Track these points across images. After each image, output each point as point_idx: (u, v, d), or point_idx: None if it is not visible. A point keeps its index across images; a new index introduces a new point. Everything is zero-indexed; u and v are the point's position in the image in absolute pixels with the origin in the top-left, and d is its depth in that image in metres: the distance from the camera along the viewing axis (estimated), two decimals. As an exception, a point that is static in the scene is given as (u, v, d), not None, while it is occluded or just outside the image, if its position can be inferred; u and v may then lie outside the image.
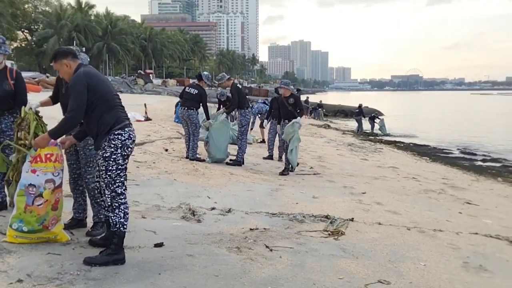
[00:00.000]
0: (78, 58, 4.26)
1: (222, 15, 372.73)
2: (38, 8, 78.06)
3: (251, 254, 4.58)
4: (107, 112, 3.99)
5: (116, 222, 4.02)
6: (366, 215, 6.62)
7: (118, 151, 3.98)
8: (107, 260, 3.97)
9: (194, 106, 9.72)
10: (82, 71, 4.06)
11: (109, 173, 3.99)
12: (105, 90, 4.06)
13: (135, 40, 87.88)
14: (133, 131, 4.14)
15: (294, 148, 9.31)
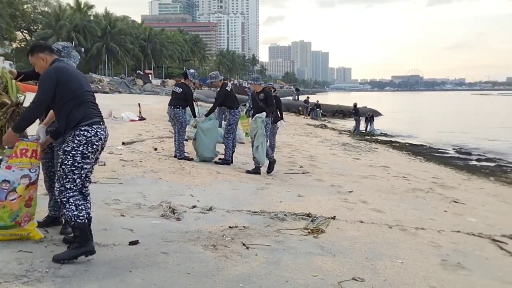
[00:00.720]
0: (54, 53, 4.26)
1: (222, 16, 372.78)
2: (37, 8, 78.01)
3: (226, 252, 4.57)
4: (76, 108, 3.97)
5: (71, 216, 3.98)
6: (350, 214, 6.61)
7: (79, 148, 3.95)
8: (74, 254, 3.94)
9: (180, 104, 9.70)
10: (54, 66, 4.06)
11: (63, 167, 3.97)
12: (76, 86, 4.02)
13: (135, 40, 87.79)
14: (103, 129, 4.11)
15: (259, 144, 9.09)
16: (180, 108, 9.66)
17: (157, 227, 5.22)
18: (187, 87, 9.84)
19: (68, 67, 4.16)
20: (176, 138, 9.71)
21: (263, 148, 9.13)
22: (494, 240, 5.92)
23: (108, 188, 6.64)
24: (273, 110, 9.47)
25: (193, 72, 10.21)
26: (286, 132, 20.79)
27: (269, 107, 9.38)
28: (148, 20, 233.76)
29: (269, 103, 9.43)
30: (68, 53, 4.56)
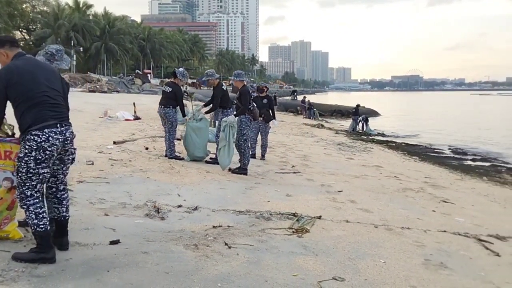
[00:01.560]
0: (17, 47, 4.05)
1: (222, 15, 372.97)
2: (36, 8, 77.99)
3: (207, 252, 4.56)
4: (27, 110, 3.77)
5: (31, 224, 3.90)
6: (337, 213, 6.60)
7: (32, 154, 3.79)
8: (32, 257, 3.87)
9: (170, 104, 9.68)
10: (6, 67, 3.87)
11: (19, 174, 3.86)
12: (29, 87, 3.80)
13: (133, 40, 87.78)
14: (59, 133, 3.90)
15: (221, 147, 8.95)
16: (170, 107, 9.65)
17: (140, 226, 5.21)
18: (177, 86, 9.82)
19: (24, 65, 3.89)
20: (167, 137, 9.70)
21: (224, 152, 8.92)
22: (479, 240, 5.91)
23: (95, 187, 6.63)
24: (245, 110, 9.10)
25: (182, 71, 10.19)
26: (282, 132, 20.82)
27: (242, 106, 9.10)
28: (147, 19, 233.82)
29: (242, 101, 9.14)
30: (61, 56, 4.53)
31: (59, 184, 4.19)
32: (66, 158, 4.17)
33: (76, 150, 4.37)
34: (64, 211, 4.20)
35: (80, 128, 13.88)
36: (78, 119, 17.05)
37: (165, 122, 9.73)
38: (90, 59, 79.09)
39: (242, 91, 9.15)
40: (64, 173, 4.23)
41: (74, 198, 5.94)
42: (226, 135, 8.84)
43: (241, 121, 9.02)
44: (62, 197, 4.21)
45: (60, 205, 4.18)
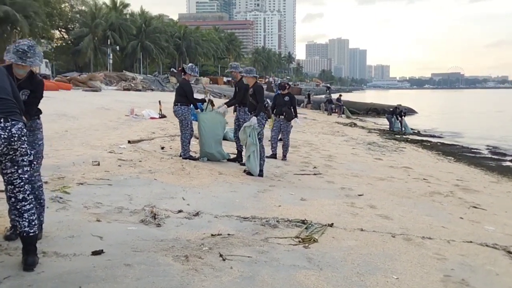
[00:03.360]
0: None
1: (259, 14, 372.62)
2: (74, 7, 79.22)
3: (198, 264, 4.13)
4: None
5: None
6: (352, 220, 6.09)
7: None
8: None
9: (180, 101, 9.32)
10: None
11: None
12: None
13: (169, 38, 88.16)
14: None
15: (251, 153, 8.51)
16: (179, 105, 9.29)
17: (132, 234, 4.82)
18: (185, 81, 9.47)
19: None
20: (180, 136, 9.34)
21: (254, 158, 8.51)
22: (509, 253, 5.31)
23: (94, 190, 6.29)
24: (262, 108, 8.64)
25: (191, 65, 9.80)
26: (311, 131, 20.29)
27: (258, 104, 8.64)
28: (185, 18, 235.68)
29: (258, 99, 8.64)
30: (34, 53, 4.16)
31: (17, 193, 3.75)
32: (19, 159, 3.72)
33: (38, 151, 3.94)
34: (25, 226, 3.74)
35: (101, 127, 13.72)
36: (104, 117, 16.97)
37: (180, 120, 9.38)
38: (126, 57, 79.79)
39: (256, 88, 8.68)
40: (22, 178, 3.75)
41: (68, 202, 5.64)
42: (254, 140, 8.41)
43: (257, 119, 8.57)
44: (22, 209, 3.76)
45: (20, 218, 3.74)
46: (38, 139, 4.55)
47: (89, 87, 41.24)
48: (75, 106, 19.01)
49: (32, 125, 4.49)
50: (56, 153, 8.70)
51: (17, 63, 4.04)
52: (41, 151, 4.62)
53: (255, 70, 9.16)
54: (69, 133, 11.87)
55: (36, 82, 4.34)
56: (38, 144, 4.56)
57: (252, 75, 8.69)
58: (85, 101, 22.46)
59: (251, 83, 8.71)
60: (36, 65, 4.18)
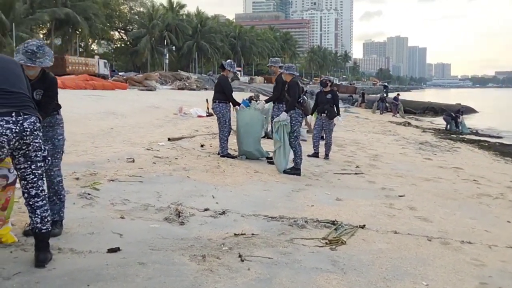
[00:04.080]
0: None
1: (315, 12, 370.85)
2: (133, 9, 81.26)
3: (214, 265, 3.98)
4: None
5: None
6: (387, 222, 5.80)
7: None
8: None
9: (218, 98, 9.20)
10: None
11: None
12: None
13: (224, 38, 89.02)
14: (10, 123, 3.42)
15: (276, 150, 8.37)
16: (217, 102, 9.18)
17: (153, 232, 4.72)
18: (223, 77, 9.36)
19: None
20: (219, 134, 9.25)
21: (280, 154, 8.34)
22: (556, 261, 4.89)
23: (124, 186, 6.26)
24: (294, 103, 8.36)
25: (230, 61, 9.67)
26: (361, 130, 19.88)
27: (291, 99, 8.34)
28: (241, 18, 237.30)
29: (290, 94, 8.35)
30: (44, 53, 4.11)
31: (30, 188, 3.67)
32: (32, 154, 3.63)
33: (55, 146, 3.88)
34: (37, 222, 3.68)
35: (146, 125, 13.85)
36: (152, 115, 17.17)
37: (218, 118, 9.30)
38: (182, 57, 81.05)
39: (290, 83, 8.44)
40: (35, 173, 3.67)
41: (96, 199, 5.62)
42: (280, 136, 8.23)
43: (291, 116, 8.34)
44: (35, 205, 3.68)
45: (33, 214, 3.68)
46: (57, 134, 4.52)
47: (145, 86, 42.08)
48: (126, 105, 19.35)
49: (52, 120, 4.46)
50: (95, 150, 8.78)
51: (27, 64, 3.97)
52: (61, 146, 4.59)
53: (295, 67, 8.91)
54: (114, 131, 12.02)
55: (49, 80, 4.28)
56: (58, 139, 4.53)
57: (289, 72, 8.46)
58: (137, 100, 22.84)
59: (288, 80, 8.49)
60: (46, 65, 4.09)
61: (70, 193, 5.66)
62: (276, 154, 8.36)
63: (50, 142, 4.47)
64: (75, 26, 58.17)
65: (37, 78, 4.21)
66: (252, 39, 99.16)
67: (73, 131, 11.56)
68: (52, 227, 4.45)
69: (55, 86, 4.36)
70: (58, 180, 4.58)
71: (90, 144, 9.56)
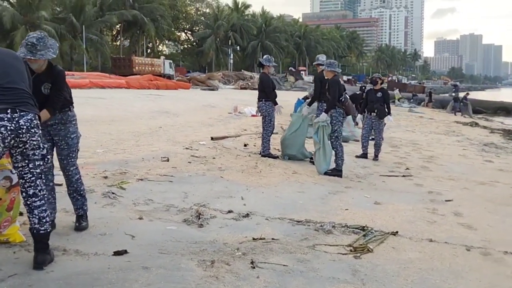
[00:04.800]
0: None
1: (384, 10, 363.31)
2: (199, 10, 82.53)
3: (222, 271, 3.75)
4: None
5: None
6: (425, 229, 5.37)
7: None
8: None
9: (262, 96, 8.98)
10: None
11: None
12: None
13: (289, 38, 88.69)
14: (5, 120, 3.30)
15: (316, 151, 8.09)
16: (263, 100, 8.95)
17: (168, 234, 4.55)
18: (263, 75, 9.11)
19: None
20: (262, 133, 9.03)
21: (319, 156, 8.03)
22: None
23: (152, 186, 6.14)
24: (334, 103, 7.98)
25: (267, 56, 9.37)
26: (422, 130, 19.08)
27: (330, 98, 8.00)
28: (308, 18, 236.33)
29: (330, 93, 8.01)
30: (45, 45, 4.02)
31: (28, 187, 3.55)
32: (30, 153, 3.50)
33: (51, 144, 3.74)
34: (35, 223, 3.56)
35: (197, 124, 13.83)
36: (206, 114, 17.18)
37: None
38: (247, 57, 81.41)
39: (330, 81, 8.08)
40: (33, 172, 3.54)
41: (119, 198, 5.53)
42: (320, 137, 7.93)
43: (332, 116, 7.99)
44: (32, 205, 3.56)
45: (31, 215, 3.56)
46: (70, 132, 4.42)
47: (207, 86, 42.56)
48: (182, 104, 19.48)
49: (63, 117, 4.37)
50: (135, 148, 8.79)
51: (27, 57, 3.88)
52: (75, 145, 4.48)
53: (337, 63, 8.51)
54: (161, 130, 12.04)
55: (56, 73, 4.18)
56: (71, 138, 4.43)
57: (331, 69, 8.09)
58: (195, 99, 22.99)
59: (330, 77, 8.14)
60: (47, 58, 3.99)
61: (95, 192, 5.61)
62: (316, 155, 8.08)
63: (63, 142, 4.40)
64: (142, 27, 59.62)
65: (44, 72, 4.13)
66: (317, 39, 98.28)
67: (121, 129, 11.70)
68: (79, 221, 4.46)
69: (62, 78, 4.24)
70: (77, 178, 4.53)
71: (134, 143, 9.57)
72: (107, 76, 36.45)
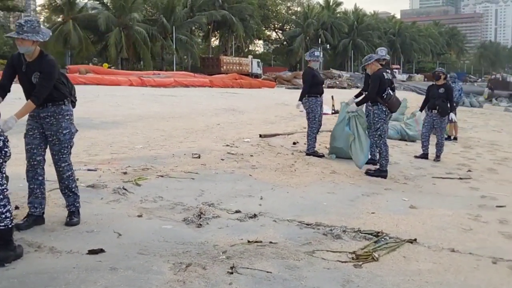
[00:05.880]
0: None
1: (490, 5, 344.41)
2: (290, 9, 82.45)
3: (192, 276, 3.47)
4: None
5: None
6: (454, 237, 4.77)
7: None
8: None
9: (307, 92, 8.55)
10: None
11: None
12: None
13: (382, 35, 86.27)
14: None
15: (351, 143, 7.65)
16: (306, 96, 8.50)
17: (158, 233, 4.32)
18: (306, 70, 8.73)
19: None
20: (307, 130, 8.61)
21: (356, 148, 7.55)
22: None
23: (170, 183, 5.94)
24: (369, 97, 7.42)
25: (311, 50, 8.90)
26: (510, 131, 17.61)
27: (368, 93, 7.54)
28: (407, 14, 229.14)
29: (369, 88, 7.54)
30: (33, 28, 3.95)
31: None
32: None
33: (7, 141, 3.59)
34: None
35: (258, 121, 13.63)
36: (274, 112, 17.00)
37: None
38: (337, 55, 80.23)
39: (372, 76, 7.54)
40: None
41: (129, 195, 5.40)
42: (353, 129, 7.47)
43: (374, 113, 7.43)
44: None
45: None
46: (62, 127, 4.28)
47: (293, 84, 42.26)
48: (254, 102, 19.36)
49: (56, 110, 4.24)
50: (178, 144, 8.72)
51: (13, 37, 3.95)
52: (68, 141, 4.33)
53: (381, 55, 7.87)
54: (219, 127, 11.91)
55: (45, 62, 4.07)
56: (63, 134, 4.29)
57: (370, 62, 7.58)
58: (271, 97, 22.81)
59: (374, 70, 7.59)
60: (34, 40, 3.96)
61: (107, 187, 5.52)
62: (352, 148, 7.63)
63: (55, 137, 4.28)
64: (231, 27, 60.41)
65: (35, 60, 4.09)
66: (413, 36, 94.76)
67: (177, 126, 11.72)
68: (70, 216, 4.38)
69: (51, 68, 4.10)
70: (68, 175, 4.41)
71: (181, 139, 9.51)
72: (191, 75, 37.24)
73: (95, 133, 9.84)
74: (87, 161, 6.78)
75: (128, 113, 13.39)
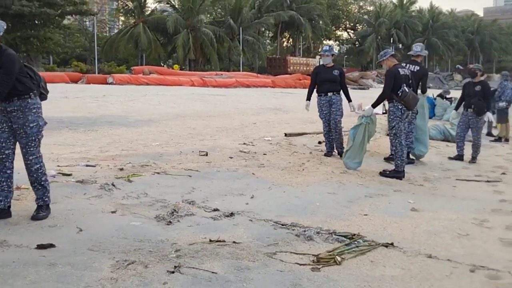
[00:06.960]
0: None
1: None
2: (362, 8, 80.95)
3: (129, 274, 3.37)
4: None
5: None
6: (442, 242, 4.41)
7: None
8: None
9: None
10: None
11: None
12: None
13: (459, 33, 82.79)
14: None
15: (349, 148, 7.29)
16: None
17: (122, 230, 4.24)
18: (339, 66, 8.43)
19: None
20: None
21: (350, 152, 7.25)
22: None
23: (163, 180, 5.88)
24: (383, 97, 7.04)
25: (328, 47, 8.46)
26: None
27: (382, 91, 7.12)
28: (490, 12, 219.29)
29: (384, 85, 7.15)
30: None
31: None
32: None
33: None
34: None
35: (296, 121, 13.47)
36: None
37: None
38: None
39: (386, 72, 7.15)
40: None
41: (114, 191, 5.43)
42: (354, 134, 7.24)
43: (389, 110, 7.05)
44: None
45: None
46: (29, 121, 4.29)
47: (359, 85, 41.53)
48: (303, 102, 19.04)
49: (22, 104, 4.25)
50: (198, 142, 8.69)
51: None
52: (35, 134, 4.33)
53: (389, 51, 7.42)
54: (253, 126, 11.79)
55: (5, 56, 4.08)
56: (30, 127, 4.30)
57: (385, 57, 7.21)
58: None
59: (388, 67, 7.21)
60: None
61: (95, 183, 5.53)
62: (348, 152, 7.33)
63: (22, 130, 4.29)
64: (299, 27, 60.04)
65: None
66: (493, 34, 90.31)
67: (210, 124, 11.72)
68: (38, 211, 4.41)
69: (10, 62, 4.09)
70: (36, 168, 4.41)
71: (209, 137, 9.47)
72: (254, 75, 37.35)
73: (123, 131, 9.99)
74: (92, 157, 6.86)
75: (166, 112, 13.54)
